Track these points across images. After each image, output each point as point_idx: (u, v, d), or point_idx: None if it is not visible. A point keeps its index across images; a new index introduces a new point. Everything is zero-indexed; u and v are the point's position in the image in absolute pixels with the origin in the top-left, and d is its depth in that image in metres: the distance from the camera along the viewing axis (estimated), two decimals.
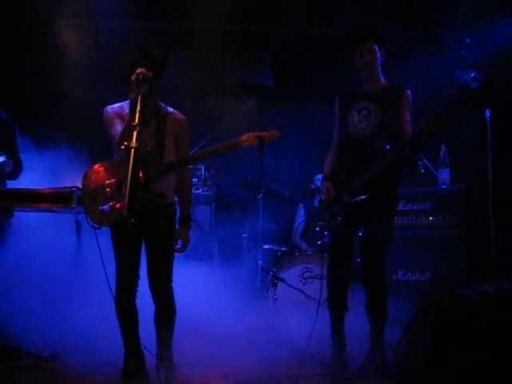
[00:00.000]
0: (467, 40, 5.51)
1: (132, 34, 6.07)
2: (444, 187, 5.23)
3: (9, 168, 4.25)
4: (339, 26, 6.04)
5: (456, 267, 4.85)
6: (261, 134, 3.35)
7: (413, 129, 3.65)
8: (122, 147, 3.03)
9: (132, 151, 2.97)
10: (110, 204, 3.21)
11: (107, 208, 3.21)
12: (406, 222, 5.27)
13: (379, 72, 3.85)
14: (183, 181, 3.53)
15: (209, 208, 6.24)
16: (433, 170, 5.38)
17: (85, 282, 4.11)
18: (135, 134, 3.00)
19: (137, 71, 3.15)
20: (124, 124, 3.22)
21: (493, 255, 4.81)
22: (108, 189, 3.27)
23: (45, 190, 3.96)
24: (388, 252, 3.79)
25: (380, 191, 3.67)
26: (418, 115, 3.72)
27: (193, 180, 5.76)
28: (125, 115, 3.29)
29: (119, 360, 3.39)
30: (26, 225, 4.33)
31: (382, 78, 3.87)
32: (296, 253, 5.61)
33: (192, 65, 6.55)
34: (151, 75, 3.17)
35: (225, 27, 6.45)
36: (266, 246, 5.68)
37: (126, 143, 3.00)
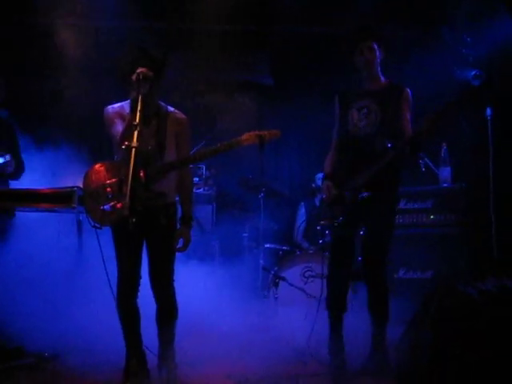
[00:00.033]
0: (467, 38, 5.51)
1: (132, 34, 6.08)
2: (445, 186, 5.23)
3: (11, 168, 4.29)
4: (339, 26, 6.04)
5: (457, 266, 4.85)
6: (261, 134, 3.35)
7: (413, 128, 3.64)
8: (123, 147, 3.03)
9: (133, 151, 2.97)
10: (111, 204, 3.21)
11: (108, 208, 3.21)
12: (407, 221, 5.27)
13: (379, 71, 3.85)
14: (184, 180, 3.53)
15: (210, 207, 6.24)
16: (434, 169, 5.38)
17: (86, 282, 4.11)
18: (136, 134, 3.00)
19: (137, 71, 3.15)
20: (125, 124, 3.22)
21: (494, 254, 4.81)
22: (109, 188, 3.27)
23: (46, 190, 3.96)
24: (389, 251, 3.79)
25: (381, 190, 3.67)
26: (418, 114, 3.72)
27: (194, 179, 5.75)
28: (125, 115, 3.29)
29: (120, 360, 3.40)
30: (27, 225, 4.33)
31: (382, 77, 3.87)
32: (297, 252, 5.61)
33: (192, 64, 6.56)
34: (151, 75, 3.17)
35: (224, 27, 6.45)
36: (267, 245, 5.67)
37: (127, 143, 3.00)
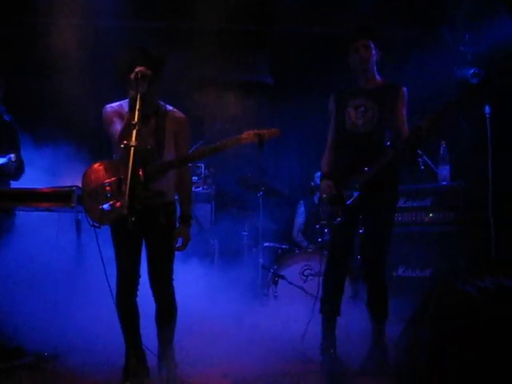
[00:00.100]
0: (466, 36, 5.51)
1: (132, 34, 6.08)
2: (444, 184, 5.23)
3: (14, 167, 4.33)
4: (339, 26, 6.04)
5: (456, 264, 4.85)
6: (260, 132, 3.35)
7: (413, 128, 3.63)
8: (122, 146, 3.02)
9: (132, 150, 2.97)
10: (110, 203, 3.21)
11: (107, 207, 3.20)
12: (406, 219, 5.27)
13: (374, 70, 3.84)
14: (183, 179, 3.53)
15: (209, 206, 6.24)
16: (433, 167, 5.38)
17: (85, 281, 4.11)
18: (135, 133, 3.00)
19: (136, 70, 3.14)
20: (123, 123, 3.22)
21: (492, 252, 4.82)
22: (108, 187, 3.27)
23: (45, 190, 3.96)
24: (388, 249, 3.79)
25: (380, 189, 3.67)
26: (418, 113, 3.72)
27: (193, 178, 5.75)
28: (124, 114, 3.29)
29: (120, 359, 3.39)
30: (26, 224, 4.33)
31: (378, 76, 3.87)
32: (296, 250, 5.61)
33: (191, 64, 6.56)
34: (150, 73, 3.17)
35: (224, 27, 6.45)
36: (267, 244, 5.67)
37: (126, 142, 3.00)
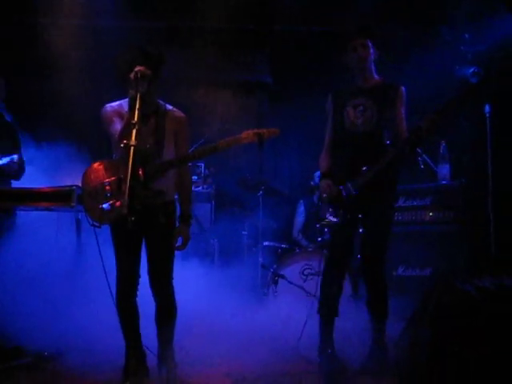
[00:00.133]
0: (466, 36, 5.51)
1: (131, 34, 6.08)
2: (444, 183, 5.23)
3: (15, 168, 4.36)
4: (339, 26, 6.04)
5: (456, 263, 4.85)
6: (260, 132, 3.36)
7: (414, 128, 3.63)
8: (122, 145, 3.03)
9: (131, 149, 2.97)
10: (110, 202, 3.21)
11: (107, 206, 3.20)
12: (406, 218, 5.27)
13: (372, 69, 3.83)
14: (183, 178, 3.53)
15: (209, 205, 6.24)
16: (432, 166, 5.38)
17: (85, 281, 4.11)
18: (134, 132, 3.00)
19: (135, 69, 3.14)
20: (123, 122, 3.22)
21: (492, 251, 4.82)
22: (108, 187, 3.27)
23: (45, 189, 3.96)
24: (387, 249, 3.79)
25: (380, 189, 3.67)
26: (418, 112, 3.73)
27: (193, 177, 5.75)
28: (124, 113, 3.28)
29: (120, 359, 3.39)
30: (26, 224, 4.33)
31: (376, 76, 3.86)
32: (296, 250, 5.61)
33: (191, 64, 6.56)
34: (150, 73, 3.17)
35: (224, 26, 6.45)
36: (266, 243, 5.67)
37: (126, 141, 3.00)
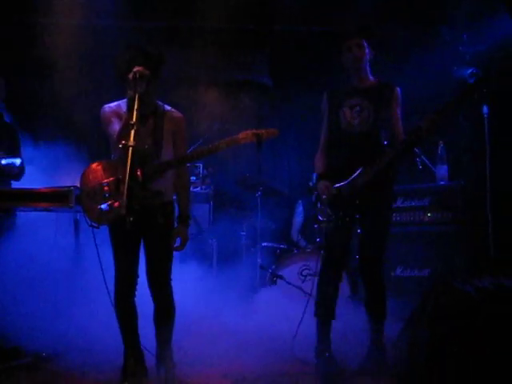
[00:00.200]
0: (464, 36, 5.51)
1: (131, 34, 6.08)
2: (442, 183, 5.24)
3: (16, 169, 4.38)
4: (339, 26, 6.03)
5: (454, 263, 4.86)
6: (259, 132, 3.36)
7: (413, 128, 3.62)
8: (120, 146, 3.02)
9: (130, 150, 2.97)
10: (109, 203, 3.21)
11: (105, 207, 3.20)
12: (405, 219, 5.27)
13: (368, 69, 3.83)
14: (181, 179, 3.53)
15: (207, 206, 6.23)
16: (431, 167, 5.39)
17: (84, 282, 4.11)
18: (133, 133, 2.99)
19: (134, 69, 3.14)
20: (122, 123, 3.22)
21: (491, 252, 4.82)
22: (106, 188, 3.27)
23: (43, 190, 3.95)
24: (386, 249, 3.79)
25: (378, 189, 3.67)
26: (418, 112, 3.73)
27: (191, 178, 5.75)
28: (122, 114, 3.28)
29: (119, 359, 3.39)
30: (24, 224, 4.33)
31: (371, 76, 3.85)
32: (295, 250, 5.61)
33: (190, 64, 6.55)
34: (148, 73, 3.17)
35: (223, 26, 6.44)
36: (265, 244, 5.67)
37: (124, 142, 2.99)
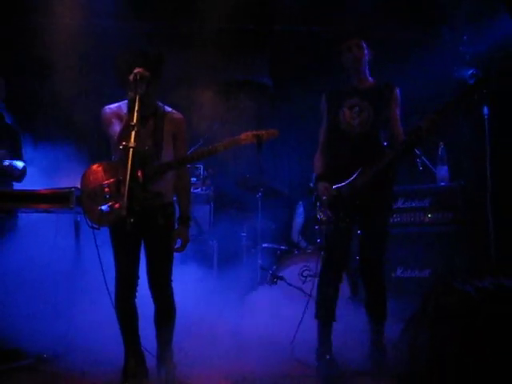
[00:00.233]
0: (464, 37, 5.52)
1: (131, 34, 6.07)
2: (442, 184, 5.24)
3: (18, 172, 4.39)
4: (339, 26, 6.04)
5: (455, 264, 4.86)
6: (259, 133, 3.36)
7: (413, 128, 3.62)
8: (121, 147, 3.03)
9: (130, 151, 2.97)
10: (109, 204, 3.21)
11: (106, 208, 3.20)
12: (405, 220, 5.27)
13: (367, 69, 3.83)
14: (182, 180, 3.53)
15: (207, 207, 6.22)
16: (431, 168, 5.39)
17: (84, 283, 4.11)
18: (133, 134, 3.00)
19: (134, 71, 3.14)
20: (122, 124, 3.22)
21: (491, 252, 4.82)
22: (107, 189, 3.27)
23: (43, 191, 3.96)
24: (386, 250, 3.79)
25: (378, 189, 3.67)
26: (418, 112, 3.73)
27: (191, 179, 5.75)
28: (123, 115, 3.29)
29: (120, 361, 3.39)
30: (25, 226, 4.33)
31: (370, 78, 3.86)
32: (295, 251, 5.61)
33: (190, 65, 6.55)
34: (149, 75, 3.17)
35: (223, 27, 6.44)
36: (265, 245, 5.67)
37: (125, 143, 3.00)
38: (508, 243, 4.82)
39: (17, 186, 4.41)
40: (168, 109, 3.50)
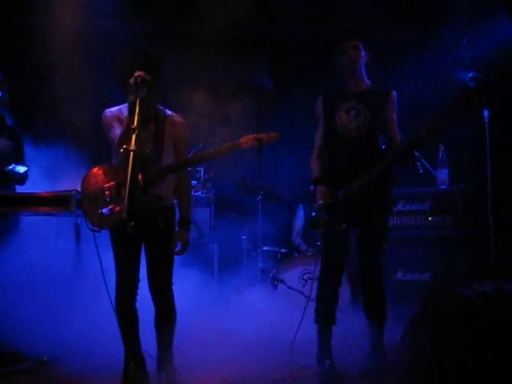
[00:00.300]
0: (464, 40, 5.52)
1: (131, 35, 6.08)
2: (443, 187, 5.24)
3: (19, 176, 4.41)
4: (339, 25, 6.04)
5: (455, 267, 4.86)
6: (259, 136, 3.36)
7: (413, 131, 3.62)
8: (121, 150, 3.02)
9: (131, 154, 2.97)
10: (110, 207, 3.21)
11: (106, 211, 3.20)
12: (406, 223, 5.27)
13: (363, 72, 3.81)
14: (182, 183, 3.53)
15: (208, 210, 6.22)
16: (431, 171, 5.39)
17: (85, 286, 4.11)
18: (134, 137, 2.99)
19: (135, 74, 3.14)
20: (123, 127, 3.22)
21: (492, 256, 4.81)
22: (107, 192, 3.27)
23: (44, 194, 3.96)
24: (384, 253, 3.78)
25: (375, 193, 3.66)
26: (418, 112, 3.72)
27: (192, 182, 5.75)
28: (123, 118, 3.29)
29: (120, 364, 3.39)
30: (25, 229, 4.33)
31: (366, 80, 3.84)
32: (295, 254, 5.61)
33: (191, 67, 6.55)
34: (149, 78, 3.17)
35: (223, 28, 6.44)
36: (266, 248, 5.67)
37: (125, 146, 2.99)
38: (509, 247, 4.82)
39: (18, 189, 4.41)
40: (168, 112, 3.50)
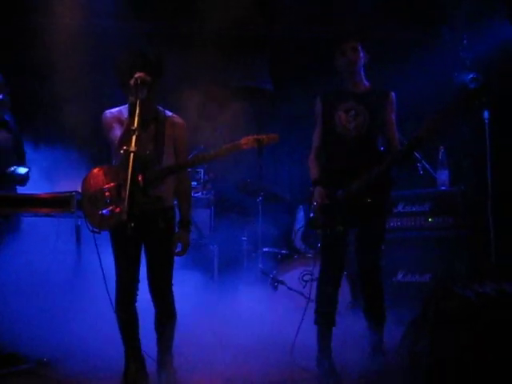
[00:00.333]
0: (464, 41, 5.52)
1: (131, 36, 6.08)
2: (443, 189, 5.23)
3: (20, 177, 4.40)
4: (339, 25, 6.04)
5: (455, 269, 4.85)
6: (259, 137, 3.36)
7: (413, 133, 3.61)
8: (121, 151, 3.02)
9: (131, 155, 2.96)
10: (110, 208, 3.21)
11: (107, 212, 3.20)
12: (406, 224, 5.27)
13: (362, 73, 3.81)
14: (182, 184, 3.53)
15: (208, 211, 6.21)
16: (431, 172, 5.38)
17: (85, 287, 4.10)
18: (134, 139, 2.99)
19: (135, 75, 3.14)
20: (123, 128, 3.22)
21: (492, 257, 4.81)
22: (107, 193, 3.27)
23: (44, 195, 3.96)
24: (383, 254, 3.78)
25: (374, 195, 3.65)
26: (417, 112, 3.72)
27: (192, 183, 5.74)
28: (123, 120, 3.28)
29: (119, 365, 3.39)
30: (25, 230, 4.33)
31: (365, 81, 3.84)
32: (296, 255, 5.60)
33: (191, 68, 6.55)
34: (149, 79, 3.17)
35: (223, 28, 6.44)
36: (266, 249, 5.66)
37: (125, 147, 2.99)
38: (509, 248, 4.82)
39: (18, 190, 4.41)
40: (169, 113, 3.50)
